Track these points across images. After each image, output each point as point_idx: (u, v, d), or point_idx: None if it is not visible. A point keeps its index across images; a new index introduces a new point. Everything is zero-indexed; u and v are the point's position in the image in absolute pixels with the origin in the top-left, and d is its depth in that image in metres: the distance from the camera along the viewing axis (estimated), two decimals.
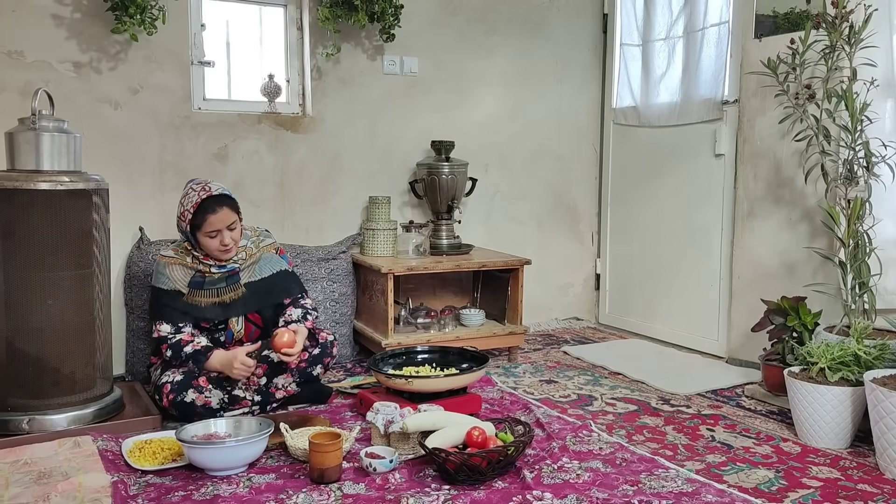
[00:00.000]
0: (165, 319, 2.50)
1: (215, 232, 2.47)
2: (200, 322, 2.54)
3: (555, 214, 4.01)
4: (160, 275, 2.55)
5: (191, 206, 2.46)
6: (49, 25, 2.87)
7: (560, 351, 3.51)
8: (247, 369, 2.43)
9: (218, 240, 2.48)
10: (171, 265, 2.54)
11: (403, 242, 3.34)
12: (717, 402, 2.76)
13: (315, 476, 1.98)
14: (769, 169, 3.07)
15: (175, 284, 2.52)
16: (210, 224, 2.46)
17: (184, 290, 2.52)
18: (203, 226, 2.46)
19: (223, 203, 2.48)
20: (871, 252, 2.63)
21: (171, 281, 2.53)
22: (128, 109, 3.03)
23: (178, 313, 2.50)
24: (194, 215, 2.45)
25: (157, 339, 2.52)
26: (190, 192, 2.50)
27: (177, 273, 2.54)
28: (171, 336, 2.49)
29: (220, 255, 2.53)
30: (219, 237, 2.48)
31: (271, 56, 3.41)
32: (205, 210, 2.45)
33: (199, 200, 2.45)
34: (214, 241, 2.48)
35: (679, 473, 2.05)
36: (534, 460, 2.11)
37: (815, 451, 2.28)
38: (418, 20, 3.52)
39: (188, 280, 2.53)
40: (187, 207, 2.48)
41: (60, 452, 2.12)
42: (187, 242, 2.57)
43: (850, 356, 2.32)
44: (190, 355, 2.45)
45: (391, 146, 3.56)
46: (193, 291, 2.53)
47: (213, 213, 2.46)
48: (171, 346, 2.48)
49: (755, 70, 2.87)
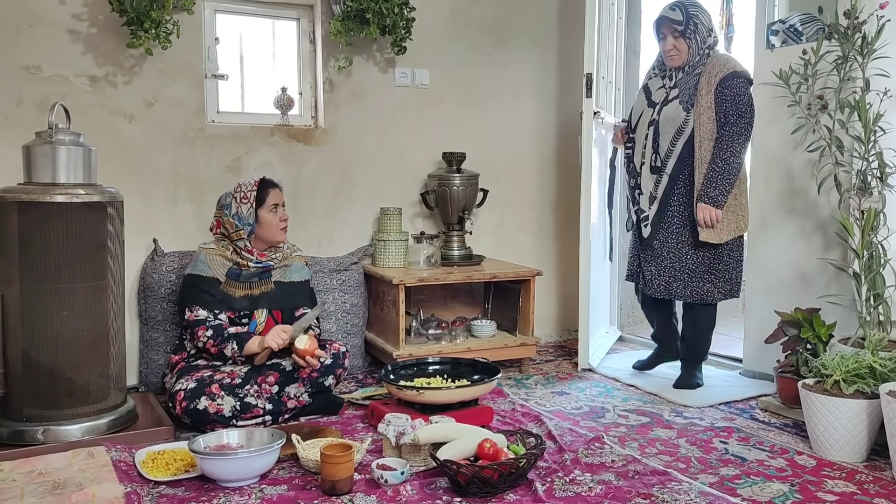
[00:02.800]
0: (203, 305, 2.63)
1: (275, 206, 2.73)
2: (229, 310, 2.67)
3: (566, 225, 4.00)
4: (200, 263, 2.69)
5: (251, 185, 2.72)
6: (66, 40, 2.91)
7: (572, 362, 3.49)
8: (283, 336, 2.56)
9: (279, 215, 2.74)
10: (211, 255, 2.71)
11: (415, 253, 3.35)
12: (731, 414, 2.74)
13: (326, 487, 1.98)
14: (782, 180, 3.05)
15: (214, 272, 2.67)
16: (273, 196, 2.74)
17: (221, 279, 2.67)
18: (267, 199, 2.72)
19: (275, 185, 2.80)
20: (885, 263, 2.61)
21: (211, 269, 2.67)
22: (142, 122, 3.06)
23: (215, 300, 2.65)
24: (258, 192, 2.70)
25: (193, 322, 2.61)
26: (244, 182, 2.75)
27: (216, 262, 2.69)
28: (210, 319, 2.61)
29: (280, 235, 2.76)
30: (279, 212, 2.74)
31: (284, 69, 3.45)
32: (265, 186, 2.74)
33: (258, 180, 2.74)
34: (276, 216, 2.73)
35: (692, 486, 2.04)
36: (546, 473, 2.10)
37: (831, 464, 2.25)
38: (429, 33, 3.55)
39: (226, 270, 2.69)
40: (247, 190, 2.71)
41: (74, 463, 2.14)
42: (236, 233, 2.69)
43: (866, 368, 2.30)
44: (232, 335, 2.59)
45: (402, 158, 3.58)
46: (230, 281, 2.69)
47: (273, 188, 2.76)
48: (213, 327, 2.60)
49: (767, 81, 2.86)
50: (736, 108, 2.83)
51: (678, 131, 2.92)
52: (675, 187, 2.95)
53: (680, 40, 2.92)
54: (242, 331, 2.62)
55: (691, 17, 2.90)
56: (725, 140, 2.83)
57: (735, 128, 2.83)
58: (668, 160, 2.95)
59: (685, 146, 2.90)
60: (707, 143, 2.86)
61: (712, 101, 2.85)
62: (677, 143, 2.92)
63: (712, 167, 2.84)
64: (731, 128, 2.83)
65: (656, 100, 3.01)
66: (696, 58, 2.93)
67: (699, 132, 2.87)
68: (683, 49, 2.93)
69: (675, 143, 2.92)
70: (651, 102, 3.03)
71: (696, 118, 2.87)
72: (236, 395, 2.49)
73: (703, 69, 2.89)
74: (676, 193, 2.95)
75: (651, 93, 3.05)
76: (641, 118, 3.06)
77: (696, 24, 2.90)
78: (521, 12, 3.78)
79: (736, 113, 2.83)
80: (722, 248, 2.94)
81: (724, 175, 2.83)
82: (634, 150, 3.09)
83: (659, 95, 3.01)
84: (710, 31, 2.94)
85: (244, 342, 2.58)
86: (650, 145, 3.00)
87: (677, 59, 2.95)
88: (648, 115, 3.02)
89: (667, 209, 2.98)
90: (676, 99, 2.93)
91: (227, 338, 2.57)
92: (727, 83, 2.84)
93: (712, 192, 2.83)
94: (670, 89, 2.98)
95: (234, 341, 2.57)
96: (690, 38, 2.91)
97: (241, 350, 2.57)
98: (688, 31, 2.90)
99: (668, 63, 2.99)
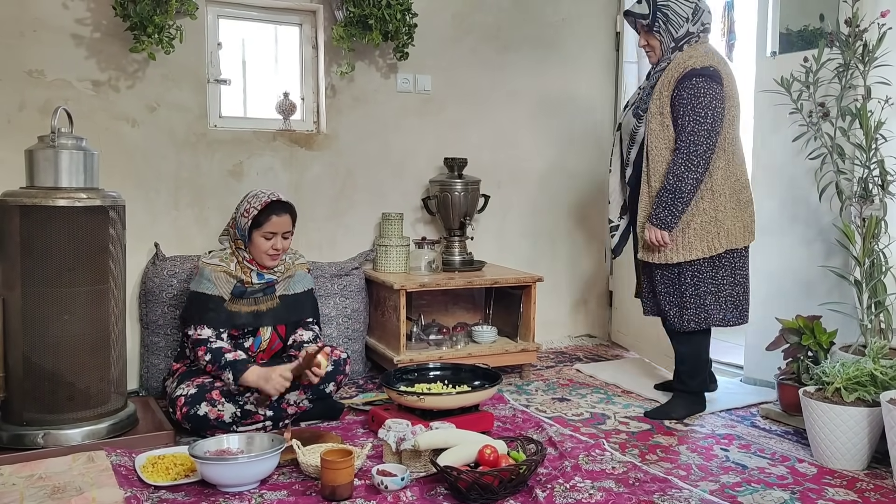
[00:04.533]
0: (208, 324, 2.56)
1: (272, 234, 2.60)
2: (234, 328, 2.62)
3: (567, 231, 4.01)
4: (205, 280, 2.61)
5: (259, 204, 2.59)
6: (69, 45, 2.92)
7: (573, 368, 3.49)
8: (284, 384, 2.44)
9: (271, 244, 2.61)
10: (216, 272, 2.63)
11: (416, 259, 3.35)
12: (732, 421, 2.74)
13: (327, 493, 1.98)
14: (783, 187, 3.05)
15: (219, 290, 2.60)
16: (272, 225, 2.59)
17: (226, 297, 2.61)
18: (264, 225, 2.59)
19: (287, 210, 2.65)
20: (886, 271, 2.61)
21: (216, 287, 2.60)
22: (145, 127, 3.07)
23: (220, 319, 2.58)
24: (259, 213, 2.58)
25: (195, 342, 2.56)
26: (259, 194, 2.63)
27: (221, 280, 2.62)
28: (212, 340, 2.54)
29: (267, 261, 2.64)
30: (273, 241, 2.61)
31: (286, 74, 3.45)
32: (270, 211, 2.59)
33: (269, 201, 2.60)
34: (268, 243, 2.61)
35: (693, 494, 2.04)
36: (546, 479, 2.10)
37: (832, 472, 2.25)
38: (432, 39, 3.55)
39: (230, 288, 2.62)
40: (254, 205, 2.59)
41: (75, 467, 2.14)
42: (237, 241, 2.65)
43: (867, 376, 2.30)
44: (229, 363, 2.48)
45: (404, 163, 3.59)
46: (234, 299, 2.61)
47: (278, 215, 2.61)
48: (212, 351, 2.51)
49: (768, 88, 2.87)
50: (693, 114, 2.48)
51: (631, 140, 2.69)
52: (636, 198, 2.71)
53: (650, 35, 2.64)
54: (240, 357, 2.50)
55: (659, 7, 2.58)
56: (682, 153, 2.50)
57: (692, 137, 2.48)
58: (627, 169, 2.74)
59: (638, 155, 2.66)
60: (657, 153, 2.57)
61: (666, 104, 2.54)
62: (631, 152, 2.70)
63: (665, 184, 2.52)
64: (688, 137, 2.48)
65: (630, 101, 2.80)
66: (670, 53, 2.62)
67: (649, 140, 2.58)
68: (655, 45, 2.64)
69: (629, 152, 2.72)
70: (626, 104, 2.83)
71: (646, 124, 2.59)
72: (237, 402, 2.48)
73: (667, 67, 2.59)
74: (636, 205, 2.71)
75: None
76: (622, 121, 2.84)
77: (665, 16, 2.58)
78: (522, 19, 3.79)
79: (693, 119, 2.47)
80: (683, 270, 2.61)
81: (677, 194, 2.50)
82: None
83: (633, 97, 2.79)
84: (686, 20, 2.58)
85: (240, 374, 2.45)
86: (616, 151, 2.82)
87: (653, 57, 2.69)
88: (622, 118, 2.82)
89: (634, 221, 2.75)
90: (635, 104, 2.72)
91: (223, 365, 2.47)
92: (683, 84, 2.50)
93: (662, 213, 2.53)
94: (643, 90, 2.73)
95: (230, 370, 2.45)
96: (660, 32, 2.60)
97: (236, 382, 2.45)
98: (655, 24, 2.60)
99: (649, 60, 2.72)
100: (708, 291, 2.63)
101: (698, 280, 2.63)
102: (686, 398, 2.79)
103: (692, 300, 2.64)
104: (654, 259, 2.64)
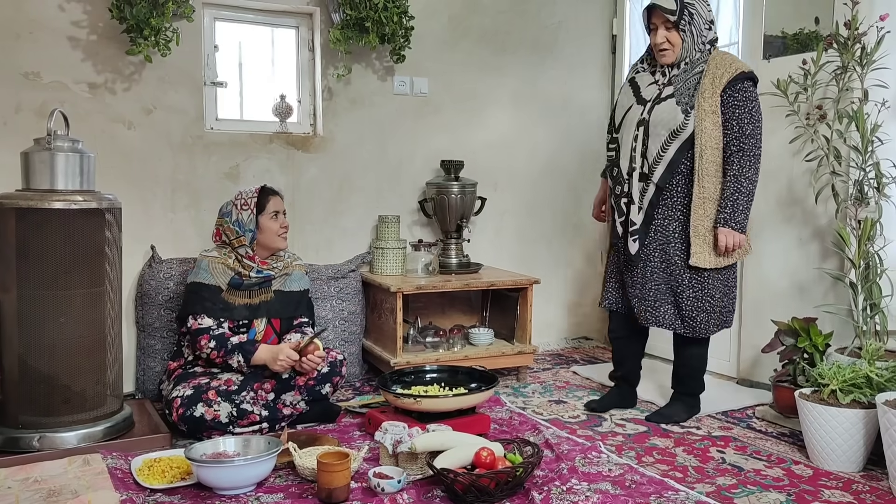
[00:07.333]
0: (207, 314, 2.61)
1: (276, 214, 2.73)
2: (230, 319, 2.66)
3: (564, 234, 4.01)
4: (202, 270, 2.67)
5: (252, 192, 2.73)
6: (65, 47, 2.91)
7: (569, 371, 3.49)
8: (290, 362, 2.53)
9: (279, 222, 2.74)
10: (214, 262, 2.69)
11: (412, 261, 3.35)
12: (728, 423, 2.74)
13: (323, 496, 1.97)
14: (779, 189, 3.06)
15: (216, 280, 2.65)
16: (274, 204, 2.74)
17: (223, 287, 2.66)
18: (267, 206, 2.72)
19: (276, 193, 2.79)
20: (882, 273, 2.62)
21: (213, 277, 2.66)
22: (141, 129, 3.06)
23: (218, 309, 2.63)
24: (258, 199, 2.71)
25: (197, 331, 2.58)
26: (245, 191, 2.76)
27: (218, 270, 2.68)
28: (213, 328, 2.59)
29: (280, 242, 2.75)
30: (279, 219, 2.74)
31: (283, 77, 3.45)
32: (266, 194, 2.75)
33: (259, 188, 2.75)
34: (276, 222, 2.73)
35: (689, 496, 2.04)
36: (542, 481, 2.10)
37: (828, 474, 2.25)
38: (428, 41, 3.56)
39: (228, 279, 2.67)
40: (248, 197, 2.72)
41: (70, 470, 2.13)
42: (237, 240, 2.69)
43: (862, 378, 2.31)
44: (236, 346, 2.56)
45: (401, 166, 3.59)
46: (231, 290, 2.67)
47: (273, 196, 2.76)
48: (216, 338, 2.57)
49: (764, 91, 2.87)
50: (750, 116, 2.52)
51: (672, 134, 2.55)
52: (660, 199, 2.62)
53: (673, 32, 2.58)
54: (245, 340, 2.61)
55: (686, 5, 2.55)
56: (747, 154, 2.51)
57: (752, 140, 2.52)
58: (657, 167, 2.59)
59: (678, 152, 2.56)
60: (710, 154, 2.54)
61: (718, 104, 2.53)
62: (669, 148, 2.56)
63: (735, 186, 2.51)
64: (749, 140, 2.51)
65: (646, 96, 2.66)
66: (696, 54, 2.59)
67: (701, 139, 2.53)
68: (677, 42, 2.58)
69: (666, 148, 2.57)
70: (640, 99, 2.68)
71: (698, 123, 2.53)
72: (232, 400, 2.48)
73: (706, 68, 2.56)
74: (662, 206, 2.62)
75: (640, 88, 2.70)
76: (627, 116, 2.70)
77: (691, 14, 2.55)
78: (519, 22, 3.80)
79: (751, 122, 2.52)
80: (715, 273, 2.61)
81: (749, 195, 2.52)
82: (619, 153, 2.73)
83: (650, 92, 2.66)
84: (709, 25, 2.60)
85: (250, 354, 2.55)
86: (639, 148, 2.64)
87: (670, 55, 2.61)
88: (637, 114, 2.66)
89: (651, 223, 2.64)
90: (672, 98, 2.58)
91: (231, 349, 2.55)
92: (737, 86, 2.52)
93: (740, 217, 2.51)
94: (663, 86, 2.63)
95: (238, 353, 2.55)
96: (685, 31, 2.56)
97: (248, 363, 2.55)
98: (682, 21, 2.55)
99: (660, 59, 2.63)
100: (732, 295, 2.69)
101: (728, 283, 2.66)
102: (687, 401, 2.80)
103: (720, 304, 2.64)
104: (720, 263, 2.59)
